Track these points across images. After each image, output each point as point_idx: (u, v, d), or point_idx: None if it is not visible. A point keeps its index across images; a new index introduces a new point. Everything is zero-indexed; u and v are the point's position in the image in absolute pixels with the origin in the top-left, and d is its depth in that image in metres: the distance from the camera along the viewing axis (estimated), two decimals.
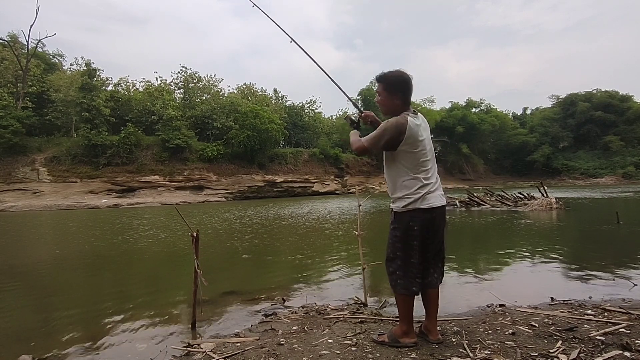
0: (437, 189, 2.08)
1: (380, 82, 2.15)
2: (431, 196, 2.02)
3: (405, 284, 2.03)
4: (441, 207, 2.07)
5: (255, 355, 2.09)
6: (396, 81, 2.10)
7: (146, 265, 6.24)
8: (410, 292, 2.04)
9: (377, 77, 2.16)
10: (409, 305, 2.07)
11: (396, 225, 2.09)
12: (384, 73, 2.13)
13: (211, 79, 46.90)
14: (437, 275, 2.14)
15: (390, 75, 2.11)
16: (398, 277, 2.05)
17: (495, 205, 14.49)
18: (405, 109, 2.08)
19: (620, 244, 6.37)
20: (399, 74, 2.10)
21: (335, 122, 59.30)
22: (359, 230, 3.35)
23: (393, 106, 2.10)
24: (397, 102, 2.09)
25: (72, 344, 2.73)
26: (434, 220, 2.04)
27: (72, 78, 37.94)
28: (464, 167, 55.79)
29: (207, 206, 26.95)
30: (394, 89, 2.09)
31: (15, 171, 32.41)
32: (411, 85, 2.10)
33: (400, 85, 2.09)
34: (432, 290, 2.11)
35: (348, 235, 8.15)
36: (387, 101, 2.12)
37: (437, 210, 2.04)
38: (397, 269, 2.06)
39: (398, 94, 2.09)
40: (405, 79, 2.09)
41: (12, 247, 8.85)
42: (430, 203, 2.01)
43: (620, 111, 55.35)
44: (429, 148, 2.09)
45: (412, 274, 2.03)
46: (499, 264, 4.95)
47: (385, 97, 2.12)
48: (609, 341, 1.99)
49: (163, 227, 11.64)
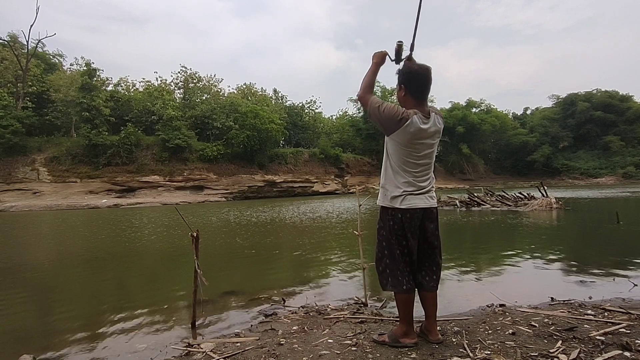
0: (425, 192, 2.02)
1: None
2: (414, 198, 1.99)
3: (395, 282, 2.03)
4: (425, 209, 2.01)
5: (255, 355, 2.09)
6: (402, 72, 2.03)
7: (146, 265, 6.24)
8: (401, 290, 2.02)
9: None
10: (407, 305, 2.06)
11: (381, 225, 2.10)
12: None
13: (211, 79, 46.99)
14: (428, 278, 2.07)
15: (404, 66, 2.03)
16: (387, 276, 2.06)
17: (495, 205, 14.50)
18: (415, 105, 1.96)
19: (620, 244, 6.37)
20: (408, 65, 2.01)
21: (335, 121, 59.37)
22: (359, 230, 3.34)
23: (400, 99, 2.04)
24: (402, 94, 2.02)
25: (72, 343, 2.73)
26: (413, 220, 1.99)
27: (72, 78, 37.98)
28: (464, 167, 55.82)
29: (207, 206, 26.96)
30: (400, 81, 2.04)
31: (15, 171, 32.43)
32: (422, 79, 1.97)
33: (404, 76, 2.01)
34: (428, 293, 2.08)
35: (348, 235, 8.15)
36: (397, 92, 2.08)
37: (419, 211, 2.00)
38: (385, 267, 2.06)
39: (403, 86, 2.02)
40: (412, 72, 1.98)
41: (12, 247, 8.85)
42: (411, 204, 1.98)
43: (620, 111, 55.37)
44: (426, 153, 1.99)
45: (400, 272, 2.01)
46: (499, 264, 4.95)
47: (397, 88, 2.09)
48: (609, 341, 1.99)
49: (163, 227, 11.64)
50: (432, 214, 2.07)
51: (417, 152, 1.98)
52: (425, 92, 2.00)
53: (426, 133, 1.95)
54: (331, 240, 7.78)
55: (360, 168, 48.17)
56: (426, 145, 1.99)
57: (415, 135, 1.92)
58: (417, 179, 2.02)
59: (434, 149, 2.04)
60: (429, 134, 1.96)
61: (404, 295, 2.04)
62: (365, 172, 48.13)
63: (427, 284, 2.08)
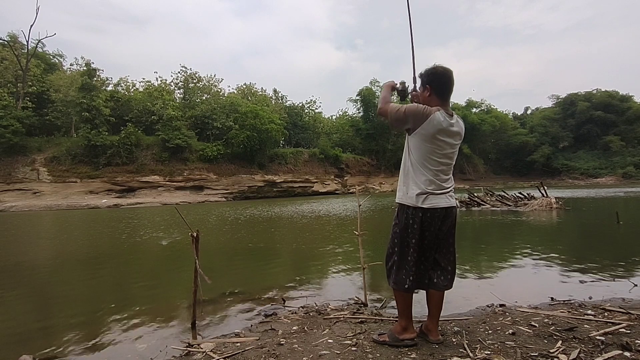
0: (446, 192, 2.04)
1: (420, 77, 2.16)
2: (435, 197, 2.00)
3: (398, 280, 2.05)
4: (445, 208, 2.02)
5: (255, 355, 2.09)
6: (427, 73, 2.08)
7: (146, 265, 6.24)
8: (403, 289, 2.04)
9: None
10: (405, 300, 2.08)
11: (396, 222, 2.10)
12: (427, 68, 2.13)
13: (211, 79, 47.00)
14: (442, 277, 2.08)
15: (427, 68, 2.10)
16: (393, 273, 2.08)
17: (495, 205, 14.50)
18: (440, 105, 2.02)
19: (620, 244, 6.37)
20: (433, 67, 2.08)
21: (335, 121, 59.34)
22: (359, 230, 3.34)
23: (423, 99, 2.10)
24: (427, 94, 2.08)
25: (72, 343, 2.73)
26: (434, 220, 2.01)
27: (72, 78, 37.98)
28: (464, 167, 55.76)
29: (207, 206, 26.95)
30: (425, 82, 2.09)
31: (15, 171, 32.41)
32: (446, 79, 2.05)
33: (429, 77, 2.07)
34: (435, 292, 2.09)
35: (348, 235, 8.15)
36: (420, 93, 2.14)
37: (439, 211, 2.01)
38: (393, 264, 2.08)
39: (428, 87, 2.07)
40: (438, 73, 2.05)
41: (12, 247, 8.85)
42: (432, 203, 1.99)
43: (620, 111, 55.39)
44: (447, 152, 2.02)
45: (406, 271, 2.03)
46: (499, 264, 4.95)
47: (420, 89, 2.15)
48: (609, 341, 1.99)
49: (163, 227, 11.64)
50: (452, 214, 2.08)
51: (440, 149, 2.00)
52: (449, 93, 2.08)
53: (450, 131, 1.99)
54: (331, 240, 7.77)
55: (360, 168, 48.13)
56: (448, 145, 2.01)
57: (440, 129, 1.95)
58: (439, 178, 2.02)
59: (455, 150, 2.07)
60: (452, 132, 2.00)
61: (403, 293, 2.06)
62: (365, 172, 48.10)
63: (441, 283, 2.09)
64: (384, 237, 2.20)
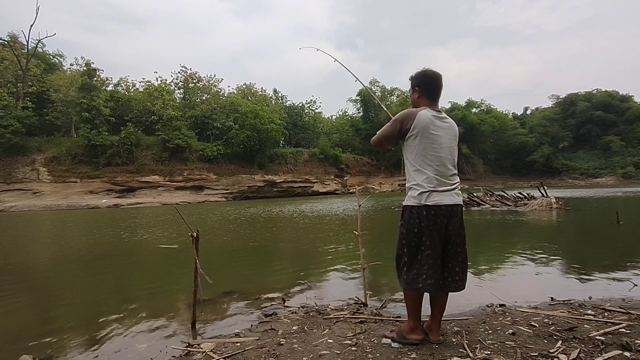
0: (451, 190, 2.03)
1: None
2: (439, 194, 1.99)
3: (409, 280, 2.03)
4: (450, 206, 2.01)
5: (255, 355, 2.09)
6: (416, 76, 2.20)
7: (146, 265, 6.24)
8: (414, 289, 2.03)
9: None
10: (415, 301, 2.07)
11: (402, 222, 2.11)
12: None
13: (211, 79, 47.02)
14: (450, 279, 2.04)
15: (417, 72, 2.21)
16: (403, 273, 2.07)
17: (495, 205, 14.49)
18: (428, 105, 2.12)
19: (620, 244, 6.37)
20: (421, 70, 2.20)
21: (335, 122, 59.36)
22: (359, 230, 3.34)
23: (413, 100, 2.23)
24: (415, 96, 2.19)
25: (72, 344, 2.73)
26: (439, 218, 1.98)
27: (72, 78, 38.01)
28: (464, 167, 55.72)
29: (207, 206, 26.95)
30: (414, 84, 2.21)
31: (15, 171, 32.43)
32: (434, 82, 2.15)
33: (418, 79, 2.19)
34: (439, 293, 2.07)
35: (348, 235, 8.14)
36: (411, 95, 2.25)
37: (444, 208, 1.99)
38: (404, 264, 2.07)
39: (417, 88, 2.19)
40: (426, 75, 2.17)
41: (12, 247, 8.85)
42: (435, 200, 1.98)
43: (620, 111, 55.36)
44: (444, 146, 2.06)
45: (417, 271, 2.00)
46: (499, 263, 4.94)
47: (410, 92, 2.26)
48: (609, 341, 1.99)
49: (163, 227, 11.64)
50: (458, 212, 2.07)
51: (435, 143, 2.03)
52: (437, 94, 2.18)
53: (440, 124, 2.06)
54: (331, 240, 7.77)
55: (359, 168, 48.15)
56: (442, 138, 2.05)
57: (429, 123, 2.02)
58: (440, 174, 2.02)
59: (453, 145, 2.12)
60: (442, 125, 2.07)
61: (413, 293, 2.06)
62: (365, 172, 48.12)
63: (448, 284, 2.05)
64: (384, 237, 2.20)
